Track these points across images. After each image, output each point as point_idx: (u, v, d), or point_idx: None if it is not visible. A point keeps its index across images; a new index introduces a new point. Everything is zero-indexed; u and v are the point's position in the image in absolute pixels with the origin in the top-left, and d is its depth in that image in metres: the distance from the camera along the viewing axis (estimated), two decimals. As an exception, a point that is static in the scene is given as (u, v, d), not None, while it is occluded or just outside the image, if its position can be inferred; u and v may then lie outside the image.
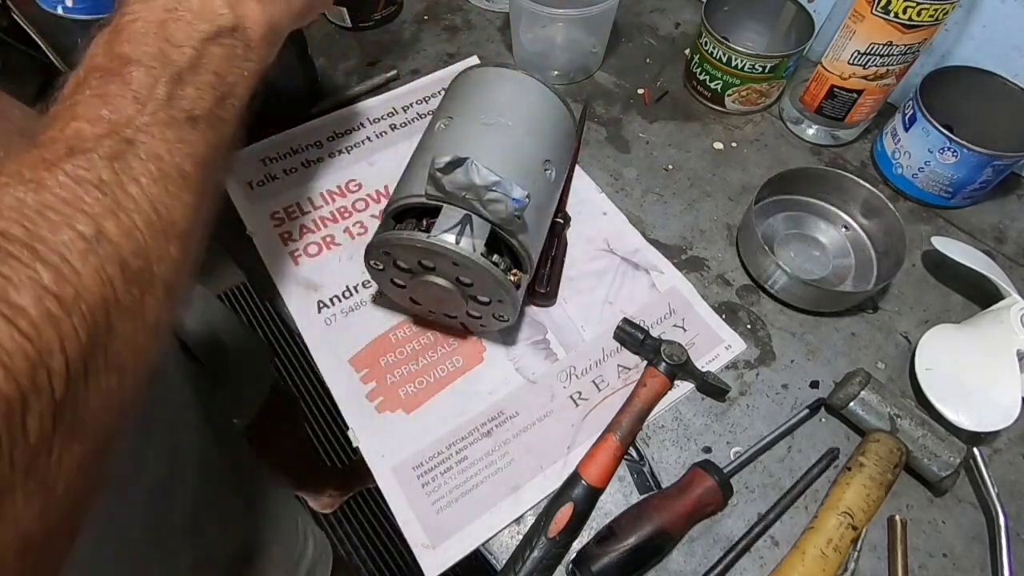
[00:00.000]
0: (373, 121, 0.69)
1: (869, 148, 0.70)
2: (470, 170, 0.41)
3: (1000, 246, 0.64)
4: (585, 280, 0.59)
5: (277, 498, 0.65)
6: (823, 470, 0.51)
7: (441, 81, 0.72)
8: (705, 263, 0.61)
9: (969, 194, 0.63)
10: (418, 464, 0.50)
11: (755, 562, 0.48)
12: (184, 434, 0.51)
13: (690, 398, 0.54)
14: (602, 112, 0.72)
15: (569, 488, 0.48)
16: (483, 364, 0.55)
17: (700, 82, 0.71)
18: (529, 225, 0.46)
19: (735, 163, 0.69)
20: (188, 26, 0.32)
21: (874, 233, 0.62)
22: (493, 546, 0.48)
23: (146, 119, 0.27)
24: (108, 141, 0.25)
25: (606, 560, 0.44)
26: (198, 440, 0.53)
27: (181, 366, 0.54)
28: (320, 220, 0.62)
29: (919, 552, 0.48)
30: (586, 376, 0.54)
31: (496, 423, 0.52)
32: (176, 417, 0.50)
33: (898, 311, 0.59)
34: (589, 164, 0.67)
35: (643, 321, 0.56)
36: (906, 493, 0.51)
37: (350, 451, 1.38)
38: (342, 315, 0.56)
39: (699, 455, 0.52)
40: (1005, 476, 0.51)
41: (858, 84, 0.63)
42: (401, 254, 0.46)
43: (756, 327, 0.58)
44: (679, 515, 0.46)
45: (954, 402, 0.51)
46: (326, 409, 1.44)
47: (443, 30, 0.79)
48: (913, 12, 0.55)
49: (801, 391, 0.55)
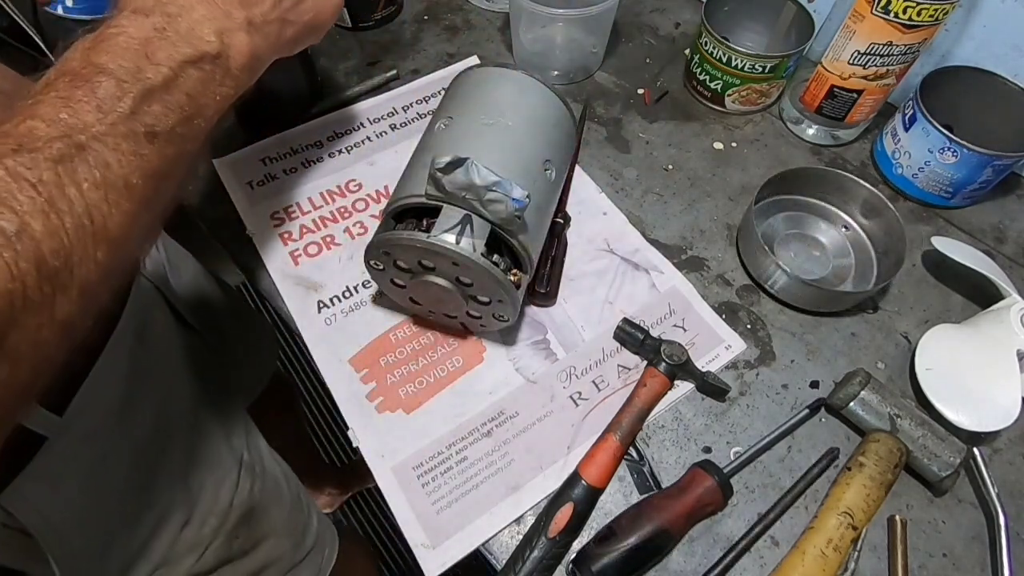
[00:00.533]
0: (373, 121, 0.69)
1: (869, 148, 0.70)
2: (470, 170, 0.41)
3: (1000, 246, 0.64)
4: (585, 280, 0.59)
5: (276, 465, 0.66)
6: (823, 470, 0.51)
7: (441, 81, 0.72)
8: (705, 263, 0.61)
9: (969, 194, 0.63)
10: (418, 464, 0.50)
11: (755, 562, 0.48)
12: (174, 396, 0.52)
13: (690, 398, 0.54)
14: (602, 112, 0.72)
15: (569, 488, 0.48)
16: (483, 364, 0.55)
17: (700, 82, 0.71)
18: (529, 225, 0.46)
19: (735, 163, 0.69)
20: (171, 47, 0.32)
21: (874, 233, 0.62)
22: (493, 546, 0.48)
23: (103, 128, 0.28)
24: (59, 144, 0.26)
25: (606, 560, 0.44)
26: (190, 402, 0.54)
27: (171, 331, 0.54)
28: (320, 220, 0.62)
29: (919, 552, 0.48)
30: (586, 376, 0.54)
31: (496, 423, 0.52)
32: (163, 380, 0.51)
33: (898, 311, 0.59)
34: (589, 164, 0.67)
35: (643, 321, 0.56)
36: (906, 493, 0.51)
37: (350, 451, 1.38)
38: (342, 315, 0.56)
39: (699, 455, 0.52)
40: (1005, 476, 0.51)
41: (858, 84, 0.63)
42: (401, 254, 0.46)
43: (756, 327, 0.58)
44: (679, 515, 0.46)
45: (954, 402, 0.51)
46: (326, 409, 1.43)
47: (443, 30, 0.79)
48: (913, 12, 0.55)
49: (801, 391, 0.55)
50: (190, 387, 0.54)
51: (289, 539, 0.64)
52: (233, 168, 0.64)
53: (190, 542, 0.52)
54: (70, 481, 0.41)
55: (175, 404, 0.52)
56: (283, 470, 0.66)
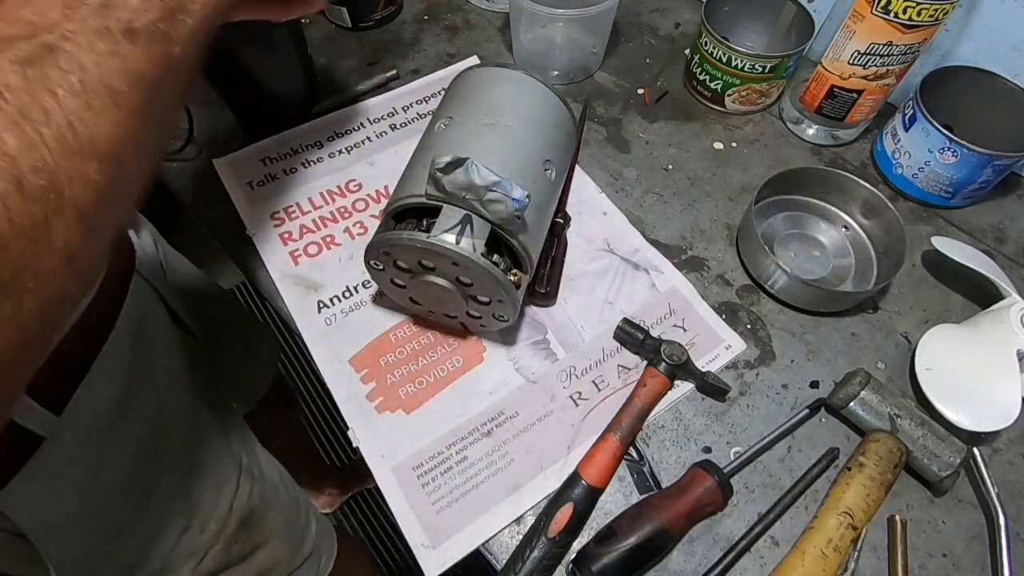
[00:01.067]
0: (373, 121, 0.69)
1: (869, 148, 0.70)
2: (470, 170, 0.41)
3: (1000, 246, 0.64)
4: (585, 280, 0.59)
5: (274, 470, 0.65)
6: (823, 470, 0.51)
7: (441, 81, 0.72)
8: (705, 263, 0.61)
9: (969, 194, 0.63)
10: (418, 464, 0.50)
11: (755, 562, 0.48)
12: (172, 399, 0.51)
13: (690, 398, 0.54)
14: (602, 112, 0.72)
15: (569, 488, 0.48)
16: (483, 364, 0.55)
17: (700, 82, 0.71)
18: (529, 225, 0.46)
19: (735, 163, 0.69)
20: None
21: (874, 233, 0.62)
22: (493, 546, 0.48)
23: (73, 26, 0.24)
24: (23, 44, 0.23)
25: (606, 560, 0.44)
26: (189, 405, 0.53)
27: (169, 333, 0.54)
28: (320, 220, 0.62)
29: (919, 552, 0.48)
30: (586, 376, 0.54)
31: (496, 423, 0.52)
32: (161, 382, 0.50)
33: (898, 311, 0.59)
34: (589, 164, 0.67)
35: (643, 321, 0.56)
36: (906, 493, 0.51)
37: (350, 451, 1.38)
38: (342, 315, 0.56)
39: (699, 455, 0.52)
40: (1005, 476, 0.51)
41: (858, 84, 0.63)
42: (401, 254, 0.46)
43: (756, 327, 0.58)
44: (679, 515, 0.46)
45: (954, 402, 0.51)
46: (326, 409, 1.43)
47: (443, 30, 0.79)
48: (913, 12, 0.55)
49: (801, 391, 0.55)
50: (188, 390, 0.54)
51: (287, 544, 0.63)
52: (233, 168, 0.64)
53: (190, 547, 0.51)
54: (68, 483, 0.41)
55: (173, 407, 0.51)
56: (281, 474, 0.66)
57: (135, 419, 0.46)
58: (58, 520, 0.41)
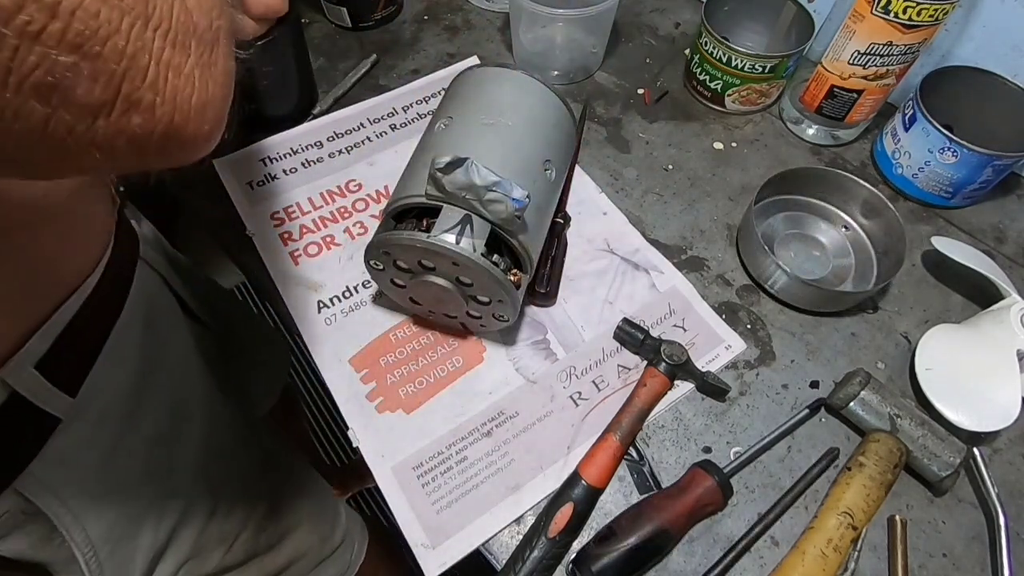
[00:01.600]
0: (373, 121, 0.69)
1: (869, 148, 0.70)
2: (470, 170, 0.41)
3: (1000, 246, 0.64)
4: (585, 280, 0.59)
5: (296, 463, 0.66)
6: (823, 470, 0.51)
7: (441, 81, 0.72)
8: (705, 263, 0.61)
9: (969, 194, 0.63)
10: (418, 464, 0.50)
11: (755, 562, 0.48)
12: (188, 384, 0.52)
13: (690, 398, 0.54)
14: (602, 112, 0.72)
15: (569, 488, 0.48)
16: (483, 364, 0.55)
17: (700, 82, 0.71)
18: (529, 225, 0.46)
19: (735, 163, 0.69)
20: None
21: (874, 233, 0.62)
22: (493, 546, 0.47)
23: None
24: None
25: (606, 560, 0.44)
26: (205, 392, 0.54)
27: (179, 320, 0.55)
28: (320, 220, 0.62)
29: (919, 552, 0.48)
30: (586, 376, 0.54)
31: (496, 423, 0.52)
32: (176, 367, 0.51)
33: (898, 311, 0.59)
34: (589, 164, 0.67)
35: (643, 321, 0.56)
36: (906, 493, 0.51)
37: (350, 451, 1.38)
38: (342, 315, 0.56)
39: (699, 455, 0.52)
40: (1005, 476, 0.51)
41: (858, 84, 0.63)
42: (401, 254, 0.46)
43: (756, 327, 0.58)
44: (679, 515, 0.46)
45: (954, 402, 0.51)
46: (326, 408, 1.43)
47: (443, 30, 0.79)
48: (913, 12, 0.55)
49: (801, 391, 0.55)
50: (203, 377, 0.55)
51: (316, 533, 0.64)
52: (233, 168, 0.64)
53: (217, 534, 0.52)
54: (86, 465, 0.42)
55: (189, 392, 0.52)
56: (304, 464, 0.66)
57: (151, 403, 0.46)
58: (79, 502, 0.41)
